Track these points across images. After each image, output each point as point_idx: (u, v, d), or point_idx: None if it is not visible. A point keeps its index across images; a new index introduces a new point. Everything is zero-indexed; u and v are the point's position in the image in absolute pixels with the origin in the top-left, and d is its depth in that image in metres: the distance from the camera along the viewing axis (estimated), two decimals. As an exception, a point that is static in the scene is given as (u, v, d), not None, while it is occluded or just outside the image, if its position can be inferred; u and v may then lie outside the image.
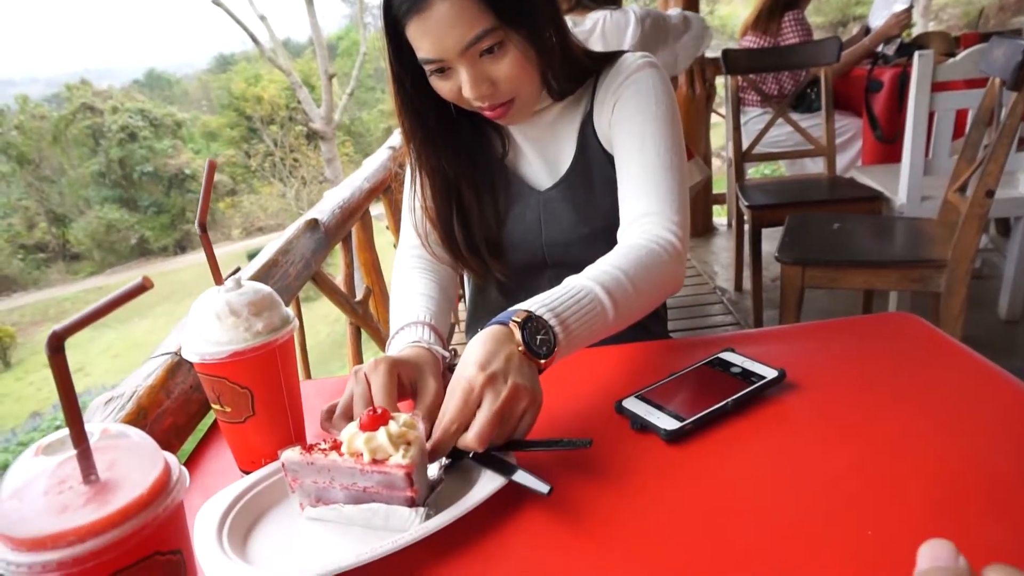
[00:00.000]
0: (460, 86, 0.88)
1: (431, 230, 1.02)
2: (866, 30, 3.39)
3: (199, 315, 0.61)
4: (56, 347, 0.37)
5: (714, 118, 3.73)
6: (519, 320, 0.67)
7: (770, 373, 0.70)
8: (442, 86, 0.90)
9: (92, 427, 0.40)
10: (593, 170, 1.01)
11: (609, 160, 0.99)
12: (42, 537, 0.36)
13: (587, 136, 1.01)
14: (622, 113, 0.95)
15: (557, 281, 0.99)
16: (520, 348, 0.65)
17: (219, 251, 0.63)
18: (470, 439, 0.60)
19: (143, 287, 0.38)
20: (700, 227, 3.75)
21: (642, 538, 0.53)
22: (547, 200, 1.04)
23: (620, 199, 0.93)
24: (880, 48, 3.22)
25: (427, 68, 0.89)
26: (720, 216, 4.02)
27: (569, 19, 1.93)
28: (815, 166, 3.30)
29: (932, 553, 0.28)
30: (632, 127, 0.93)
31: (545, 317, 0.69)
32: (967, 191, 1.81)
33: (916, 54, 2.15)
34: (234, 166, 24.70)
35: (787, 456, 0.62)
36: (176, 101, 32.06)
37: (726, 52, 2.77)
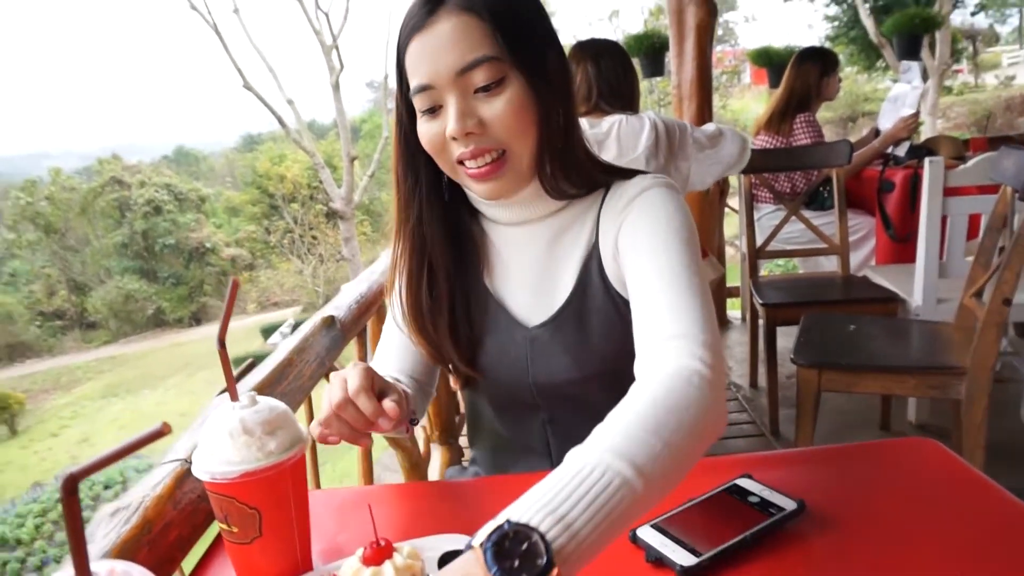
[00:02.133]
0: (445, 127, 0.80)
1: (403, 311, 0.93)
2: (876, 132, 3.47)
3: (212, 432, 0.60)
4: (71, 489, 0.37)
5: (727, 210, 3.79)
6: (484, 536, 0.49)
7: (789, 505, 0.68)
8: (429, 129, 0.82)
9: (98, 567, 0.40)
10: (591, 310, 0.90)
11: (612, 300, 0.89)
12: None
13: (590, 271, 0.90)
14: (631, 236, 0.84)
15: (553, 427, 0.89)
16: None
17: (232, 324, 0.63)
18: None
19: (162, 432, 0.38)
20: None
21: None
22: (535, 338, 0.92)
23: (635, 327, 0.77)
24: (890, 149, 3.29)
25: (418, 104, 0.82)
26: (734, 309, 4.02)
27: (586, 121, 1.96)
28: (829, 263, 3.32)
29: None
30: (643, 247, 0.81)
31: (533, 522, 0.50)
32: (984, 297, 1.81)
33: (927, 160, 2.19)
34: (254, 241, 25.21)
35: (808, 598, 0.59)
36: (202, 177, 33.09)
37: (739, 152, 2.83)
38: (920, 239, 2.26)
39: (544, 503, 0.52)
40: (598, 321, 0.90)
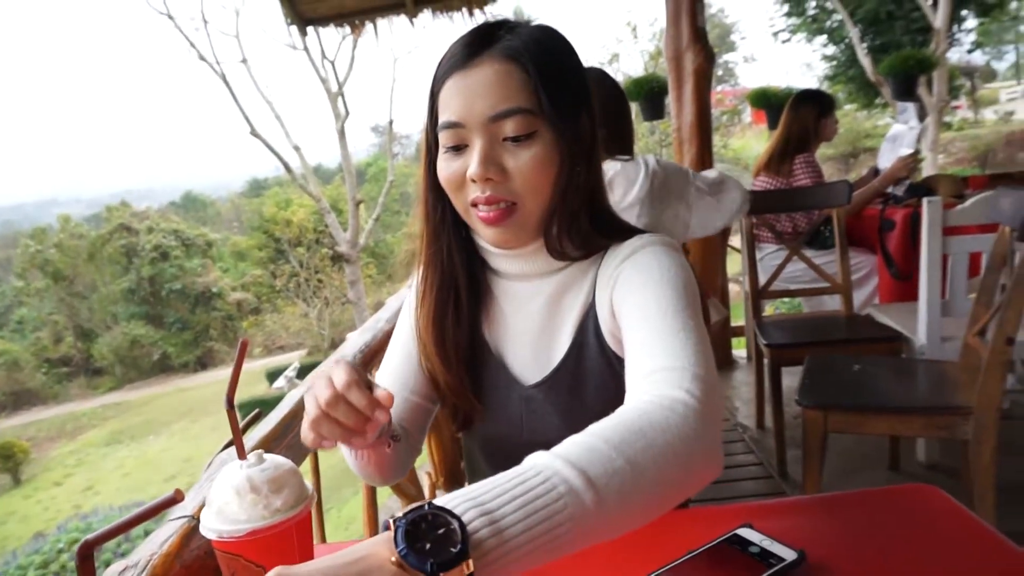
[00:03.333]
0: (467, 167, 0.81)
1: (425, 335, 0.93)
2: (875, 171, 3.51)
3: (220, 490, 0.62)
4: (85, 555, 0.39)
5: (729, 249, 3.82)
6: (401, 513, 0.48)
7: (790, 555, 0.69)
8: (449, 166, 0.83)
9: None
10: (586, 370, 0.90)
11: (607, 360, 0.88)
12: None
13: (586, 331, 0.90)
14: (625, 291, 0.82)
15: None
16: (394, 558, 0.45)
17: (225, 371, 0.64)
18: None
19: (174, 500, 0.39)
20: (720, 361, 3.74)
21: None
22: (530, 398, 0.93)
23: (627, 372, 0.74)
24: (890, 189, 3.32)
25: (444, 140, 0.83)
26: (739, 348, 4.02)
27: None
28: (832, 302, 3.33)
29: None
30: (636, 299, 0.79)
31: (453, 506, 0.48)
32: (987, 335, 1.81)
33: (924, 201, 2.22)
34: (260, 285, 25.39)
35: (812, 651, 0.60)
36: (209, 222, 33.48)
37: (739, 194, 2.86)
38: (921, 279, 2.28)
39: (474, 496, 0.49)
40: (593, 382, 0.90)
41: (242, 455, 0.63)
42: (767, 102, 4.74)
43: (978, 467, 1.75)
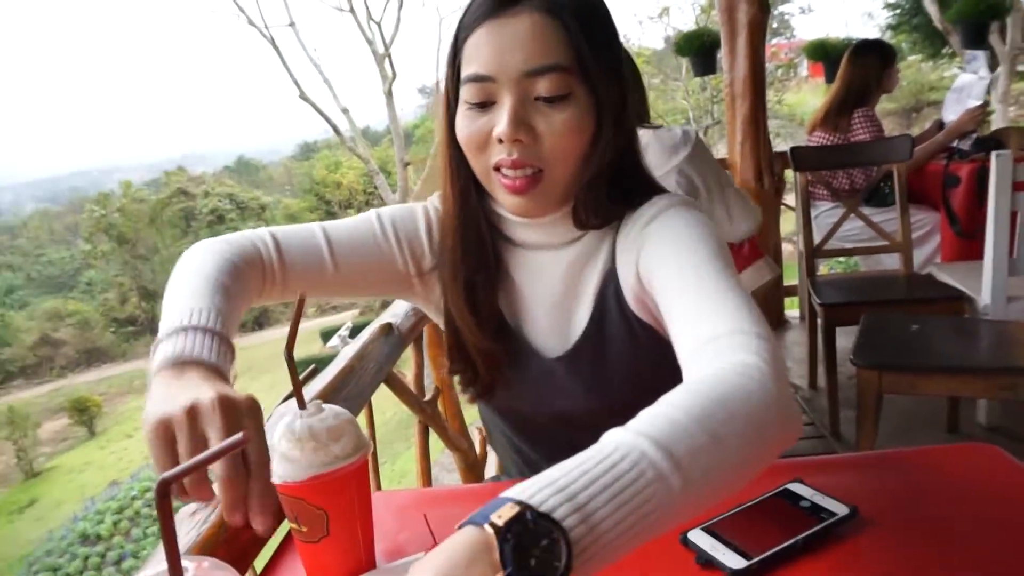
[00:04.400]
0: (493, 126, 0.76)
1: (458, 305, 0.87)
2: (940, 125, 3.36)
3: (282, 438, 0.65)
4: (163, 493, 0.41)
5: (783, 208, 3.73)
6: (501, 524, 0.43)
7: (841, 510, 0.69)
8: (471, 124, 0.77)
9: (187, 562, 0.44)
10: (609, 339, 0.87)
11: (629, 325, 0.86)
12: (138, 673, 0.39)
13: (606, 299, 0.86)
14: (655, 256, 0.78)
15: (574, 447, 0.62)
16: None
17: (283, 330, 0.66)
18: None
19: (243, 441, 0.42)
20: (772, 321, 3.68)
21: None
22: (552, 371, 0.89)
23: (677, 340, 0.69)
24: (955, 143, 3.17)
25: (468, 94, 0.77)
26: (792, 308, 3.94)
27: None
28: (891, 260, 3.23)
29: None
30: (671, 264, 0.75)
31: (553, 510, 0.44)
32: (1056, 295, 1.75)
33: (993, 154, 2.11)
34: (312, 247, 25.85)
35: (861, 603, 0.60)
36: (262, 185, 34.13)
37: (794, 150, 2.78)
38: (988, 236, 2.19)
39: (564, 487, 0.45)
40: (615, 350, 0.87)
41: (302, 405, 0.66)
42: (825, 54, 4.55)
43: (1042, 430, 1.70)
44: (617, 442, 0.50)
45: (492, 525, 0.43)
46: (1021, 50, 11.80)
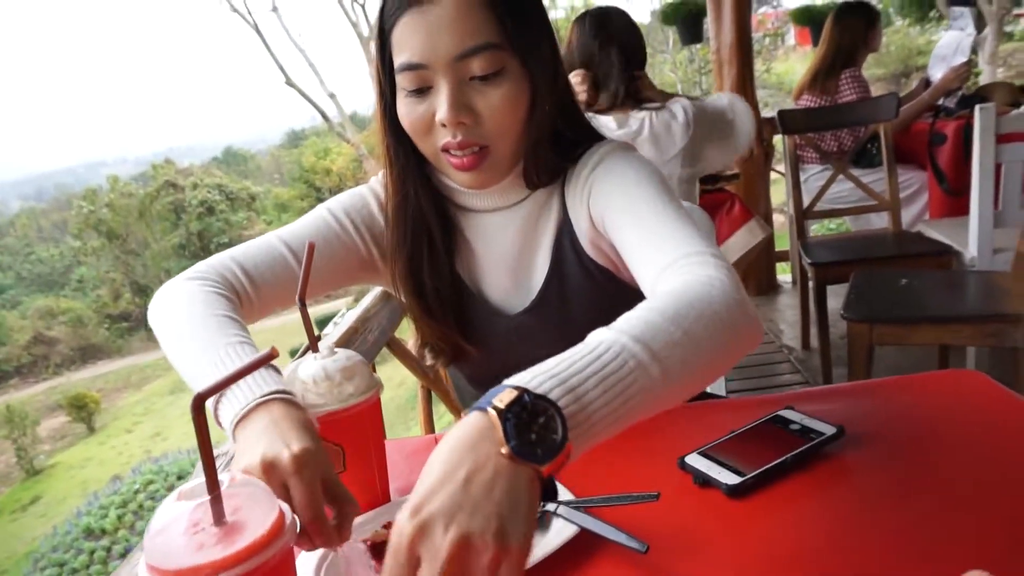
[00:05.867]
0: (434, 111, 0.77)
1: (403, 288, 0.90)
2: (926, 83, 3.38)
3: (299, 379, 0.68)
4: (199, 407, 0.45)
5: (773, 175, 3.75)
6: (502, 406, 0.47)
7: (829, 430, 0.73)
8: (414, 111, 0.79)
9: (222, 476, 0.47)
10: (570, 287, 0.90)
11: (588, 272, 0.89)
12: (183, 570, 0.43)
13: (563, 248, 0.90)
14: (604, 199, 0.82)
15: None
16: (504, 451, 0.46)
17: (285, 317, 0.68)
18: None
19: (271, 355, 0.45)
20: (764, 285, 3.73)
21: (708, 588, 0.56)
22: (519, 326, 0.92)
23: (637, 270, 0.76)
24: (941, 101, 3.20)
25: (404, 82, 0.78)
26: (784, 273, 3.99)
27: (612, 119, 1.79)
28: (880, 221, 3.27)
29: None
30: (620, 203, 0.80)
31: (548, 392, 0.49)
32: (1040, 243, 1.78)
33: (977, 107, 2.14)
34: (304, 235, 25.75)
35: (847, 510, 0.64)
36: (250, 175, 33.91)
37: (781, 113, 2.81)
38: (973, 188, 2.22)
39: (558, 374, 0.51)
40: (578, 296, 0.90)
41: (315, 348, 0.69)
42: (810, 18, 4.57)
43: (1028, 373, 1.75)
44: (601, 339, 0.55)
45: (494, 408, 0.47)
46: (1008, 10, 11.80)
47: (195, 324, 0.73)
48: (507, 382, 0.50)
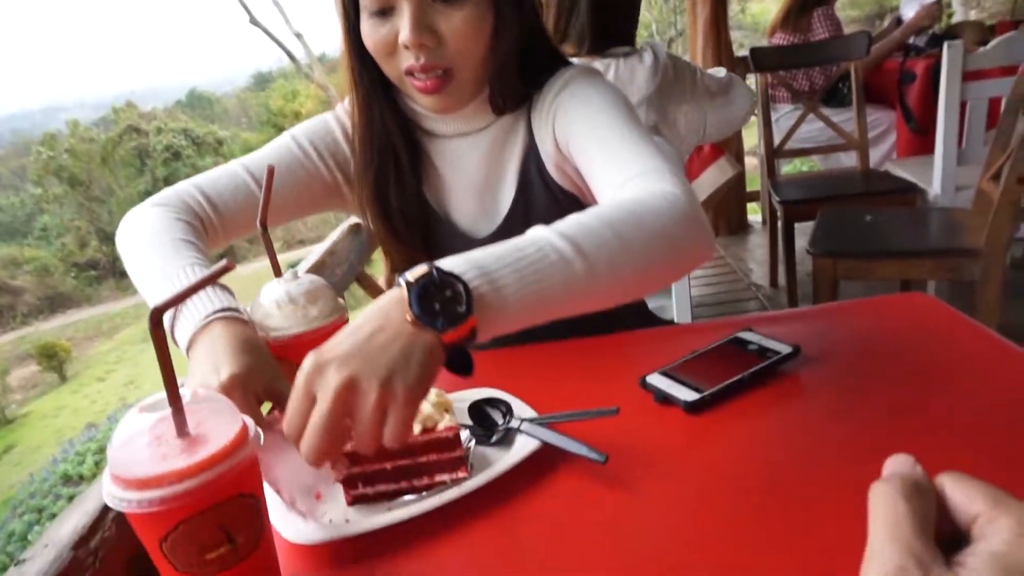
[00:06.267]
0: (397, 32, 0.77)
1: (370, 210, 0.91)
2: (898, 21, 3.37)
3: (263, 303, 0.68)
4: (156, 322, 0.45)
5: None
6: (412, 279, 0.51)
7: (785, 349, 0.75)
8: (375, 32, 0.79)
9: (184, 391, 0.47)
10: (533, 211, 0.91)
11: (554, 197, 0.90)
12: (147, 478, 0.44)
13: (529, 173, 0.91)
14: (568, 122, 0.83)
15: None
16: (408, 317, 0.50)
17: (259, 264, 0.68)
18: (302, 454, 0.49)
19: (227, 268, 0.45)
20: (734, 224, 3.76)
21: (665, 501, 0.59)
22: None
23: (596, 188, 0.78)
24: (912, 40, 3.20)
25: (367, 2, 0.78)
26: (755, 214, 4.02)
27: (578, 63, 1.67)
28: (849, 160, 3.29)
29: (893, 463, 0.33)
30: (584, 126, 0.81)
31: (459, 271, 0.52)
32: (1000, 179, 1.82)
33: (945, 44, 2.15)
34: (274, 181, 25.28)
35: (800, 424, 0.67)
36: (217, 119, 33.01)
37: (754, 51, 2.79)
38: (939, 125, 2.24)
39: (475, 260, 0.54)
40: (544, 221, 0.84)
41: (278, 273, 0.69)
42: (786, -46, 4.48)
43: (983, 306, 1.80)
44: (531, 234, 0.59)
45: (405, 281, 0.51)
46: (982, -50, 11.68)
47: (155, 247, 0.75)
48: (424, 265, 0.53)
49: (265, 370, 0.62)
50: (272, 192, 0.87)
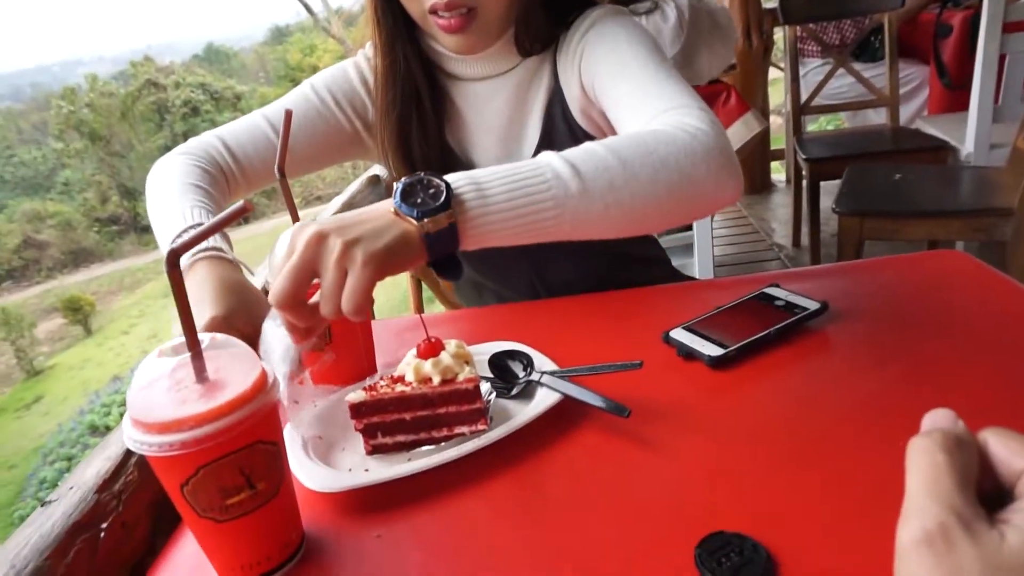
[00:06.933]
0: None
1: (392, 153, 0.89)
2: (936, -29, 3.23)
3: (279, 256, 0.67)
4: (173, 263, 0.44)
5: (772, 72, 3.64)
6: (404, 180, 0.55)
7: (812, 305, 0.73)
8: None
9: (203, 336, 0.47)
10: None
11: (577, 141, 0.81)
12: (167, 422, 0.43)
13: (553, 117, 0.89)
14: (594, 64, 0.81)
15: (537, 266, 0.90)
16: (391, 208, 0.54)
17: (279, 220, 0.68)
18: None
19: (245, 209, 0.44)
20: (758, 183, 3.69)
21: (689, 457, 0.58)
22: None
23: (623, 127, 0.76)
24: (950, -10, 3.07)
25: None
26: (779, 173, 3.94)
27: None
28: (878, 117, 3.20)
29: (933, 418, 0.31)
30: (611, 67, 0.79)
31: (453, 181, 0.55)
32: (1037, 136, 1.76)
33: (985, -6, 2.06)
34: (292, 137, 25.24)
35: (827, 381, 0.65)
36: (235, 74, 32.82)
37: (783, 1, 2.69)
38: (975, 79, 2.17)
39: (470, 172, 0.57)
40: None
41: (296, 220, 0.68)
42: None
43: (1015, 267, 1.76)
44: (534, 158, 0.60)
45: (397, 183, 0.55)
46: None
47: (167, 190, 0.79)
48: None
49: (248, 311, 0.64)
50: (292, 141, 0.87)
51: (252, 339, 0.61)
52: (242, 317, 0.63)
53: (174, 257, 0.44)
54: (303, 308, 0.52)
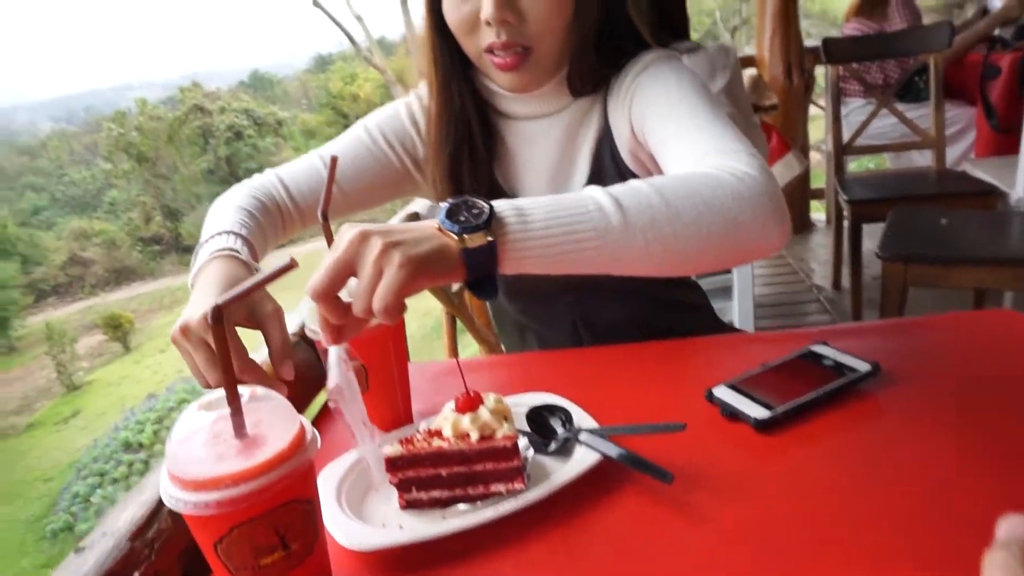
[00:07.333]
0: (479, 9, 0.77)
1: (442, 190, 0.91)
2: (983, 11, 3.19)
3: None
4: (217, 318, 0.44)
5: (813, 110, 3.61)
6: (450, 200, 0.57)
7: (863, 366, 0.70)
8: (458, 9, 0.79)
9: (242, 389, 0.46)
10: None
11: None
12: (204, 480, 0.43)
13: (602, 159, 0.89)
14: (645, 107, 0.81)
15: (580, 309, 0.91)
16: (436, 225, 0.56)
17: (312, 245, 0.69)
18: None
19: (291, 266, 0.43)
20: (797, 223, 3.64)
21: (732, 526, 0.55)
22: None
23: (672, 167, 0.75)
24: (997, 32, 3.02)
25: None
26: (819, 212, 3.89)
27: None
28: (922, 159, 3.14)
29: (1010, 527, 0.29)
30: (662, 110, 0.78)
31: (498, 207, 0.57)
32: (1093, 184, 1.70)
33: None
34: (331, 162, 25.75)
35: (878, 449, 0.62)
36: (278, 101, 33.66)
37: (826, 41, 2.67)
38: (1025, 125, 2.12)
39: (514, 201, 0.58)
40: None
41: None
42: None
43: (1068, 318, 1.69)
44: (575, 192, 0.60)
45: (447, 202, 0.57)
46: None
47: (222, 210, 0.85)
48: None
49: (247, 306, 0.66)
50: (346, 181, 0.93)
51: (250, 326, 0.66)
52: (241, 311, 0.66)
53: (218, 312, 0.43)
54: (337, 302, 0.53)
